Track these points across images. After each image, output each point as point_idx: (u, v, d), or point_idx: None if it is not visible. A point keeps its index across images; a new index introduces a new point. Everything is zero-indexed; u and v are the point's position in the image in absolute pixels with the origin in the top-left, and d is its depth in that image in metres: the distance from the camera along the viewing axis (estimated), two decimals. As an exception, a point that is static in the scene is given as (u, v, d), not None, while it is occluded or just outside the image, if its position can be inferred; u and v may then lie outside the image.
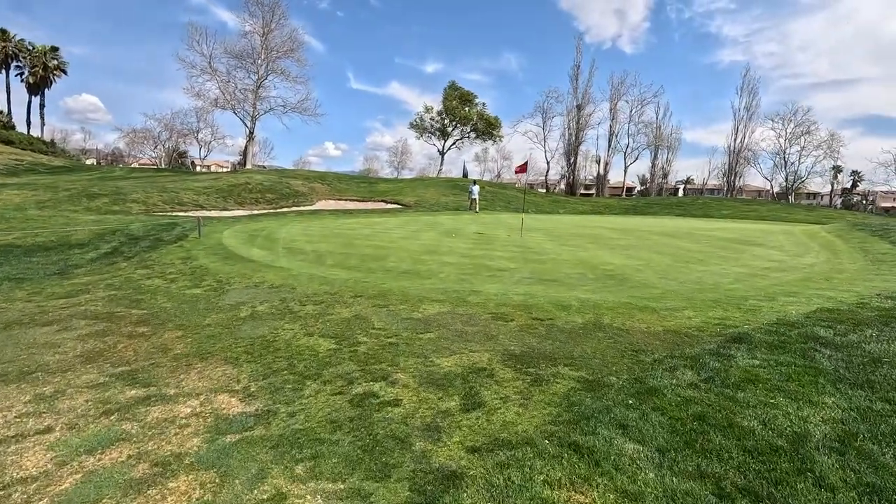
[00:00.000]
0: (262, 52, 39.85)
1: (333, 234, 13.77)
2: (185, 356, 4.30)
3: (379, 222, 19.13)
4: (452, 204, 32.81)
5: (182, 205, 24.71)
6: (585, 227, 19.15)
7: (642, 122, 56.12)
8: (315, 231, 14.82)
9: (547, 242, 12.51)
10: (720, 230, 17.66)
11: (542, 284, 7.13)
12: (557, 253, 10.27)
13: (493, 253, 10.21)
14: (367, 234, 13.86)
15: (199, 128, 59.82)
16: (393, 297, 6.12)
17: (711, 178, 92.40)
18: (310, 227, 16.45)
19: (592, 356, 4.09)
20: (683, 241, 13.15)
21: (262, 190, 31.86)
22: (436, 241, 12.60)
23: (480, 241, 12.68)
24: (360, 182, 39.85)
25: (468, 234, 14.74)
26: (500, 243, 12.13)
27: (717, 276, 8.02)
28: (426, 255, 9.84)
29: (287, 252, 10.22)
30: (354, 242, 11.82)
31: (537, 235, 14.55)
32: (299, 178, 37.13)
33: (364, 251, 10.27)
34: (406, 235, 13.90)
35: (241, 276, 7.63)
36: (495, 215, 27.46)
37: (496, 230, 16.43)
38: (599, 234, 15.20)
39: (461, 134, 51.79)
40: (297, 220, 19.67)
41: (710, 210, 35.96)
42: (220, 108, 40.41)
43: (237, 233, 13.73)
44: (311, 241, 11.89)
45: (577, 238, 13.96)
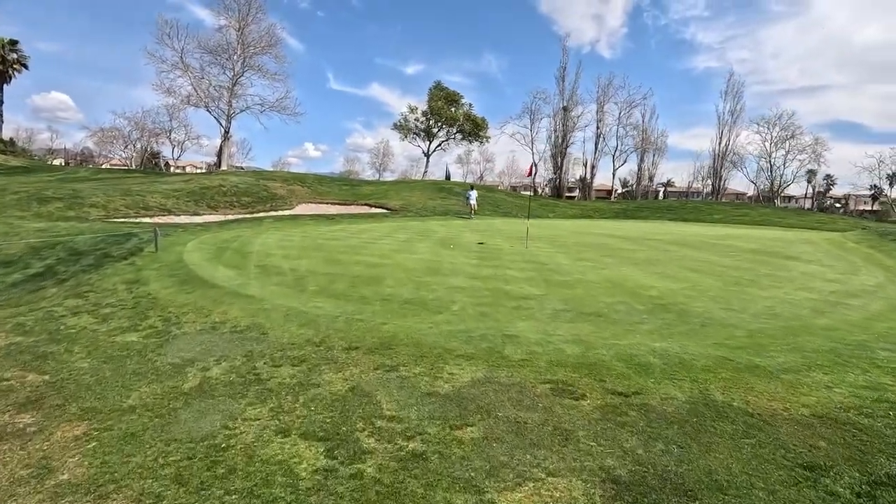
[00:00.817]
0: (239, 47, 37.53)
1: (316, 246, 11.98)
2: (70, 490, 2.55)
3: (365, 230, 17.36)
4: (440, 208, 31.17)
5: (147, 209, 22.49)
6: (587, 233, 17.74)
7: (630, 124, 55.36)
8: (295, 242, 13.00)
9: (559, 255, 10.97)
10: (734, 238, 16.42)
11: (588, 322, 5.55)
12: (580, 272, 8.72)
13: (505, 272, 8.60)
14: (355, 246, 12.12)
15: (172, 127, 56.82)
16: (402, 348, 4.44)
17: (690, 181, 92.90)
18: (289, 236, 14.61)
19: (749, 484, 2.50)
20: (709, 254, 11.77)
21: (237, 193, 29.72)
22: (434, 254, 10.94)
23: (484, 254, 11.07)
24: (343, 184, 37.92)
25: (468, 244, 13.11)
26: (508, 257, 10.54)
27: (788, 305, 6.56)
28: (429, 275, 8.18)
29: (260, 272, 8.43)
30: (341, 258, 10.08)
31: (543, 246, 13.01)
32: (278, 179, 35.03)
33: (353, 270, 8.55)
34: (399, 247, 12.20)
35: (197, 312, 5.85)
36: (487, 221, 25.92)
37: (495, 239, 14.86)
38: (609, 245, 13.74)
39: (447, 135, 50.14)
40: (275, 228, 17.75)
41: (700, 214, 35.11)
42: (194, 105, 37.90)
43: (203, 245, 11.82)
44: (290, 257, 10.09)
45: (587, 249, 12.46)
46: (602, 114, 52.31)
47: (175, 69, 36.22)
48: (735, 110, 51.62)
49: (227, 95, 37.85)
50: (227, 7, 37.33)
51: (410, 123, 49.29)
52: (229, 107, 37.93)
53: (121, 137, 60.65)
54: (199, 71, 37.32)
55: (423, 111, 48.73)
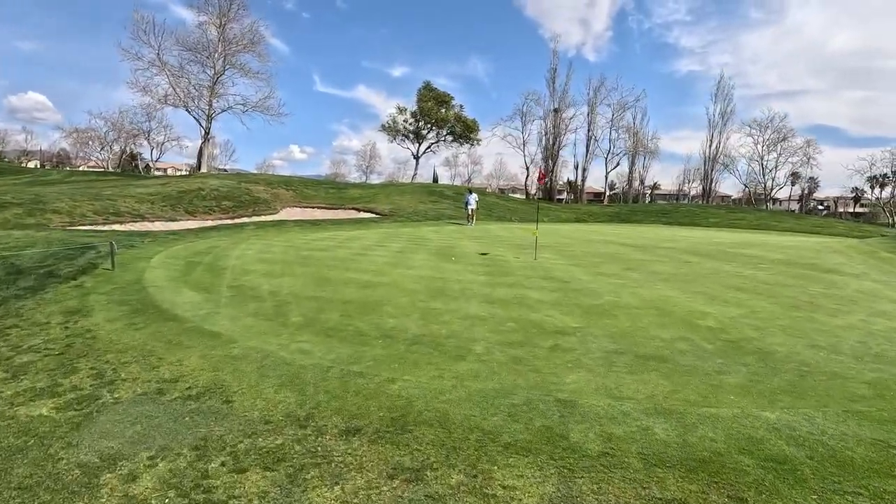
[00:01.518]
0: (219, 44, 35.76)
1: (301, 260, 10.54)
2: None
3: (355, 238, 15.94)
4: (432, 212, 29.84)
5: (118, 215, 20.75)
6: (591, 241, 16.56)
7: (622, 126, 54.67)
8: (277, 253, 11.54)
9: (575, 269, 9.71)
10: (751, 246, 15.39)
11: (655, 371, 4.26)
12: (611, 292, 7.45)
13: (524, 293, 7.30)
14: (344, 259, 10.71)
15: (151, 128, 54.51)
16: (423, 429, 3.10)
17: (676, 183, 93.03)
18: (271, 246, 13.12)
19: None
20: (737, 266, 10.63)
21: (217, 197, 28.03)
22: (435, 269, 9.59)
23: (493, 268, 9.76)
24: (329, 187, 36.36)
25: (470, 256, 11.79)
26: (521, 273, 9.25)
27: (884, 339, 5.37)
28: (435, 298, 6.84)
29: (234, 296, 6.99)
30: (330, 275, 8.68)
31: (552, 257, 11.76)
32: (261, 183, 33.36)
33: (345, 292, 7.17)
34: (393, 259, 10.83)
35: (143, 362, 4.42)
36: (482, 226, 24.65)
37: (497, 248, 13.57)
38: (623, 255, 12.55)
39: (437, 137, 48.86)
40: (257, 236, 16.23)
41: (695, 218, 34.35)
42: (172, 105, 35.99)
43: (171, 259, 10.31)
44: (271, 274, 8.66)
45: (602, 260, 11.23)
46: (593, 116, 51.56)
47: (152, 67, 34.35)
48: (725, 112, 51.31)
49: (208, 95, 36.05)
50: (208, 2, 35.56)
51: (399, 125, 47.91)
52: (210, 107, 36.12)
53: (97, 138, 58.12)
54: (177, 69, 35.48)
55: (412, 112, 47.40)
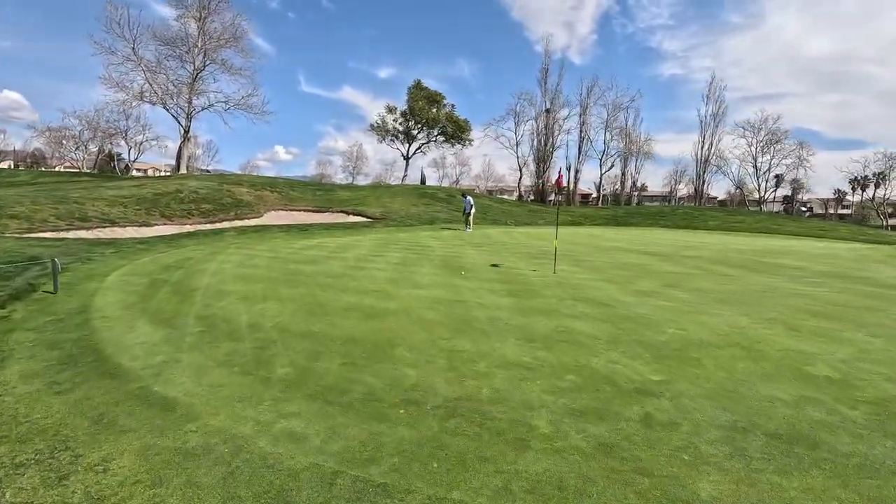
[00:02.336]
0: (199, 39, 33.81)
1: (288, 276, 8.99)
2: None
3: (348, 245, 14.39)
4: (425, 216, 28.37)
5: (84, 220, 18.88)
6: (603, 248, 15.27)
7: (616, 127, 53.77)
8: (260, 267, 9.95)
9: (611, 288, 8.35)
10: (778, 254, 14.25)
11: (817, 468, 2.85)
12: (673, 322, 6.07)
13: (569, 325, 5.89)
14: (339, 275, 9.19)
15: (128, 126, 52.00)
16: None
17: (661, 186, 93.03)
18: (253, 257, 11.52)
19: None
20: (788, 282, 9.38)
21: (196, 199, 26.19)
22: (447, 286, 8.14)
23: (515, 286, 8.35)
24: (316, 189, 34.64)
25: (481, 268, 10.36)
26: (549, 292, 7.85)
27: None
28: (461, 334, 5.38)
29: (203, 332, 5.44)
30: (324, 298, 7.16)
31: (572, 269, 10.39)
32: (244, 184, 31.54)
33: (346, 325, 5.68)
34: (396, 274, 9.34)
35: (47, 465, 2.87)
36: (480, 230, 23.26)
37: (508, 258, 12.16)
38: (650, 267, 11.25)
39: (428, 137, 47.30)
40: (237, 244, 14.57)
41: (694, 221, 33.47)
42: (149, 102, 33.90)
43: (133, 276, 8.68)
44: (251, 297, 7.11)
45: (636, 275, 9.90)
46: (586, 116, 50.55)
47: (127, 61, 32.26)
48: (717, 114, 50.74)
49: (187, 92, 34.05)
50: (186, -7, 33.59)
51: (389, 125, 46.27)
52: (189, 104, 34.13)
53: (71, 138, 55.39)
54: (154, 64, 33.43)
55: (402, 112, 45.79)
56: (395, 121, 45.73)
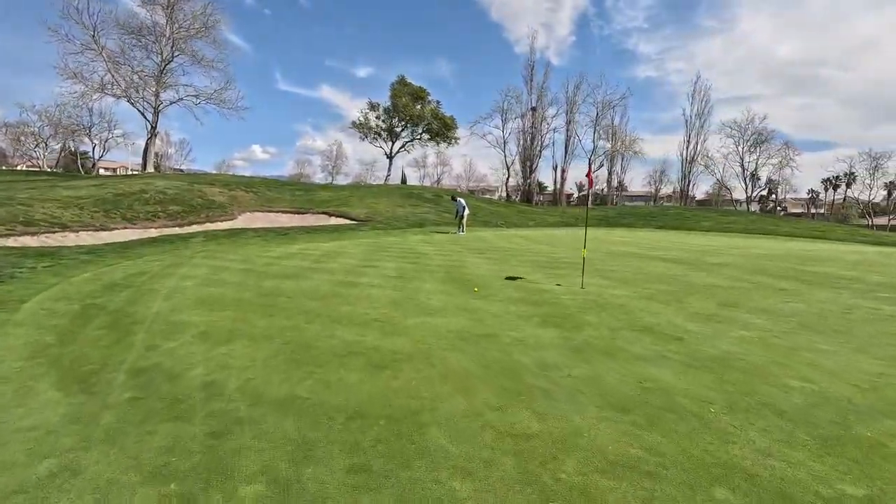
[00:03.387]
0: (167, 28, 31.31)
1: (264, 299, 7.20)
2: None
3: (334, 253, 12.59)
4: (413, 217, 26.63)
5: (30, 224, 16.58)
6: (616, 252, 13.84)
7: (603, 125, 52.78)
8: (229, 285, 8.12)
9: (666, 311, 6.82)
10: (825, 263, 13.03)
11: None
12: (790, 369, 4.54)
13: (652, 374, 4.31)
14: (329, 295, 7.44)
15: (92, 122, 48.69)
16: None
17: (641, 185, 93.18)
18: (222, 270, 9.65)
19: None
20: (867, 299, 8.04)
21: (163, 201, 23.92)
22: (466, 311, 6.48)
23: (547, 311, 6.74)
24: (296, 189, 32.54)
25: (494, 283, 8.74)
26: (596, 320, 6.26)
27: None
28: (510, 396, 3.72)
29: (134, 399, 3.66)
30: (311, 333, 5.43)
31: (603, 283, 8.87)
32: (217, 184, 29.28)
33: (345, 381, 3.98)
34: (398, 293, 7.63)
35: None
36: (473, 232, 21.67)
37: (518, 267, 10.55)
38: (682, 278, 9.81)
39: (412, 135, 45.40)
40: (206, 252, 12.62)
41: (686, 222, 32.56)
42: (112, 95, 31.22)
43: (60, 301, 6.76)
44: (215, 335, 5.33)
45: (680, 292, 8.42)
46: (572, 115, 49.44)
47: (86, 50, 29.56)
48: (702, 113, 50.29)
49: (154, 84, 31.51)
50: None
51: (371, 122, 44.21)
52: (156, 98, 31.59)
53: (31, 134, 51.68)
54: (118, 54, 30.79)
55: (385, 108, 43.83)
56: (378, 118, 43.71)
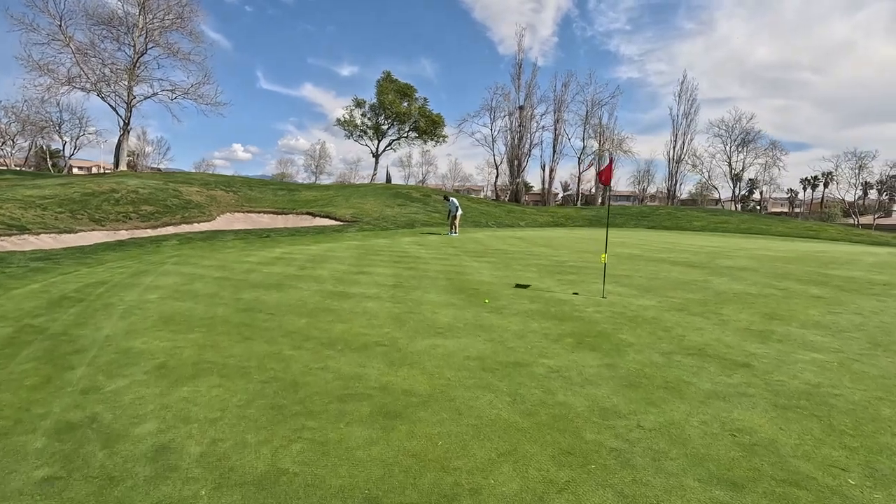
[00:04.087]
0: (140, 18, 29.61)
1: (241, 313, 6.09)
2: None
3: (319, 256, 11.48)
4: (402, 218, 25.56)
5: (-18, 227, 15.10)
6: (624, 256, 13.01)
7: (591, 124, 52.25)
8: (200, 297, 6.99)
9: (706, 325, 5.93)
10: (849, 266, 12.37)
11: None
12: (879, 412, 3.70)
13: (748, 423, 3.37)
14: (318, 310, 6.37)
15: (62, 118, 46.34)
16: None
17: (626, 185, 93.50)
18: (194, 279, 8.49)
19: None
20: None
21: (135, 201, 22.43)
22: (481, 330, 5.50)
23: (576, 328, 5.80)
24: (278, 189, 31.18)
25: (503, 292, 7.77)
26: (637, 339, 5.34)
27: None
28: (574, 468, 2.75)
29: (48, 480, 2.61)
30: (298, 364, 4.38)
31: (625, 292, 7.97)
32: (195, 183, 27.78)
33: (347, 442, 2.95)
34: (397, 306, 6.61)
35: None
36: (465, 233, 20.69)
37: (523, 273, 9.60)
38: (705, 284, 8.98)
39: (399, 133, 44.15)
40: (178, 257, 11.39)
41: (678, 222, 32.14)
42: (80, 89, 29.39)
43: None
44: (173, 367, 4.24)
45: (713, 301, 7.57)
46: (560, 113, 48.82)
47: (53, 41, 27.72)
48: (689, 113, 50.17)
49: (126, 78, 29.78)
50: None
51: (357, 119, 42.87)
52: (129, 92, 29.86)
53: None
54: (87, 45, 28.98)
55: (371, 105, 42.52)
56: (363, 115, 42.32)
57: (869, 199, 67.30)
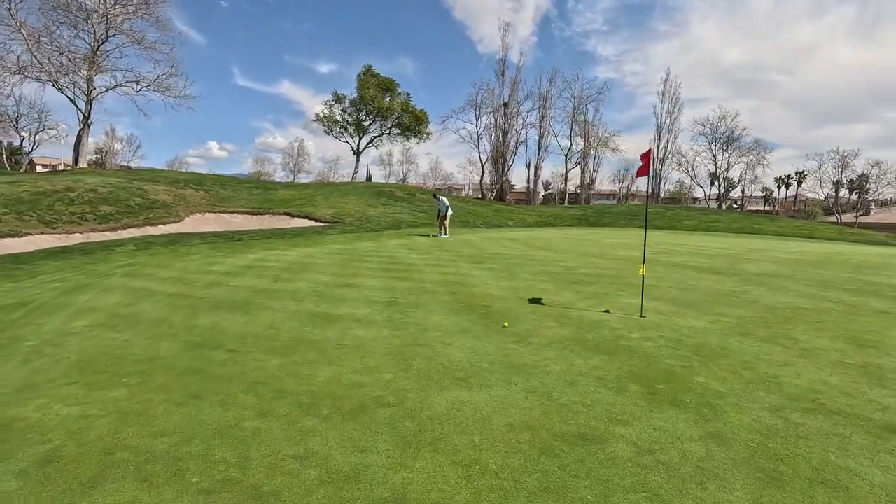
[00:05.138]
0: (100, 3, 27.30)
1: (191, 350, 4.58)
2: None
3: (297, 264, 9.95)
4: (386, 219, 24.06)
5: None
6: (636, 260, 11.85)
7: (577, 121, 51.36)
8: (143, 324, 5.44)
9: (796, 361, 4.70)
10: (888, 272, 11.45)
11: None
12: None
13: None
14: (294, 341, 4.90)
15: (19, 112, 43.20)
16: None
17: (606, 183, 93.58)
18: (142, 297, 6.90)
19: None
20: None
21: (93, 200, 20.36)
22: (512, 371, 4.15)
23: (633, 366, 4.49)
24: (253, 187, 29.27)
25: (519, 311, 6.44)
26: (720, 384, 4.06)
27: None
28: None
29: None
30: (264, 444, 2.95)
31: (666, 309, 6.72)
32: (162, 181, 25.70)
33: None
34: (396, 335, 5.20)
35: None
36: (458, 236, 19.33)
37: (534, 284, 8.30)
38: (753, 297, 7.82)
39: (381, 129, 42.41)
40: (129, 267, 9.71)
41: (668, 220, 31.46)
42: (34, 78, 26.93)
43: None
44: (74, 444, 2.76)
45: (777, 321, 6.40)
46: (545, 110, 47.83)
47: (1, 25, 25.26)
48: (672, 111, 49.82)
49: (86, 68, 27.44)
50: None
51: (336, 115, 40.96)
52: (89, 83, 27.54)
53: (-54, 126, 45.53)
54: (41, 30, 26.55)
55: (351, 101, 40.69)
56: (344, 111, 40.38)
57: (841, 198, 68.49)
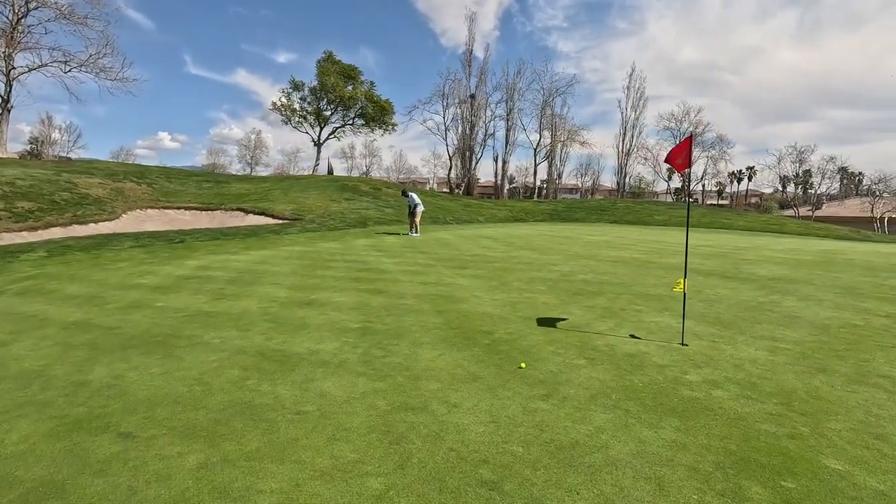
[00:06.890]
0: (19, -29, 23.93)
1: (67, 434, 2.93)
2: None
3: (249, 272, 8.23)
4: (351, 215, 22.27)
5: None
6: (641, 264, 10.76)
7: (546, 115, 50.58)
8: (7, 380, 3.74)
9: None
10: (889, 273, 10.75)
11: None
12: None
13: None
14: (223, 410, 3.34)
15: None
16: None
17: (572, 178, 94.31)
18: (24, 332, 5.08)
19: None
20: None
21: (8, 195, 17.58)
22: (563, 466, 2.79)
23: (696, 427, 3.22)
24: (203, 180, 26.70)
25: (532, 341, 5.08)
26: (846, 481, 2.84)
27: None
28: None
29: None
30: None
31: (706, 333, 5.51)
32: (97, 174, 22.86)
33: None
34: (382, 400, 3.72)
35: None
36: (427, 233, 17.85)
37: (533, 297, 6.97)
38: (805, 315, 6.79)
39: (343, 120, 40.07)
40: (29, 281, 7.71)
41: (639, 215, 31.06)
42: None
43: None
44: None
45: (836, 343, 5.32)
46: (512, 103, 46.79)
47: None
48: (637, 106, 49.93)
49: (4, 45, 24.05)
50: None
51: (295, 104, 38.31)
52: (7, 62, 24.15)
53: None
54: (-54, 1, 22.95)
55: (311, 88, 38.14)
56: (303, 99, 37.67)
57: (789, 192, 71.30)
